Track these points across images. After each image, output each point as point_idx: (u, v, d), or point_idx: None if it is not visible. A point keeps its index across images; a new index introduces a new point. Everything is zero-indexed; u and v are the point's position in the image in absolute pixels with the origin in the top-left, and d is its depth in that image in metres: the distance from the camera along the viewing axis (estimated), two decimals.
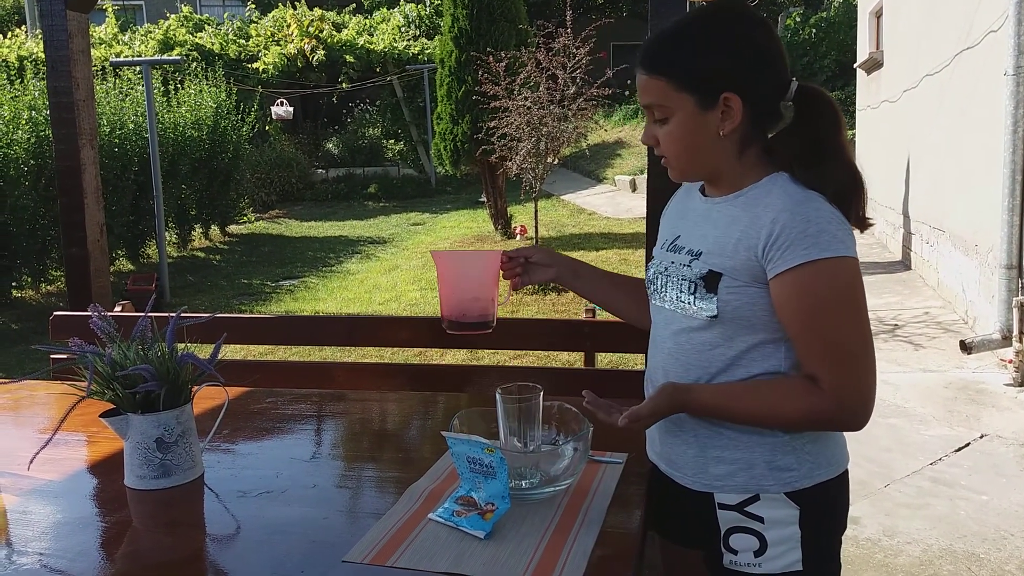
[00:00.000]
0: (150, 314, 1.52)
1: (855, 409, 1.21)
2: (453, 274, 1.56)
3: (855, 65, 10.81)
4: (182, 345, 1.46)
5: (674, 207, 1.47)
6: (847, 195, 1.24)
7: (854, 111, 11.44)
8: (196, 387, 1.46)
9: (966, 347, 4.61)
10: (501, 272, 1.56)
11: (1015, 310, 4.50)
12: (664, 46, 1.26)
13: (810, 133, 1.26)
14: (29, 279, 8.09)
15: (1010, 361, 4.48)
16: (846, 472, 1.34)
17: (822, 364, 1.20)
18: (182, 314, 1.51)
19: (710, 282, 1.25)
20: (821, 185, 1.23)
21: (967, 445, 3.66)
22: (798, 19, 15.86)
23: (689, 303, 1.29)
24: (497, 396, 1.38)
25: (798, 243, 1.17)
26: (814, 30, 15.37)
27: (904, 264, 7.70)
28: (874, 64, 9.51)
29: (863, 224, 1.28)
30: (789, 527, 1.27)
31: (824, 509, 1.30)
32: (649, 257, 1.54)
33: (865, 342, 1.21)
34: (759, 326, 1.25)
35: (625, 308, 1.62)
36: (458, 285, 1.52)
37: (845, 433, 1.36)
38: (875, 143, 9.61)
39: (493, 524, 1.20)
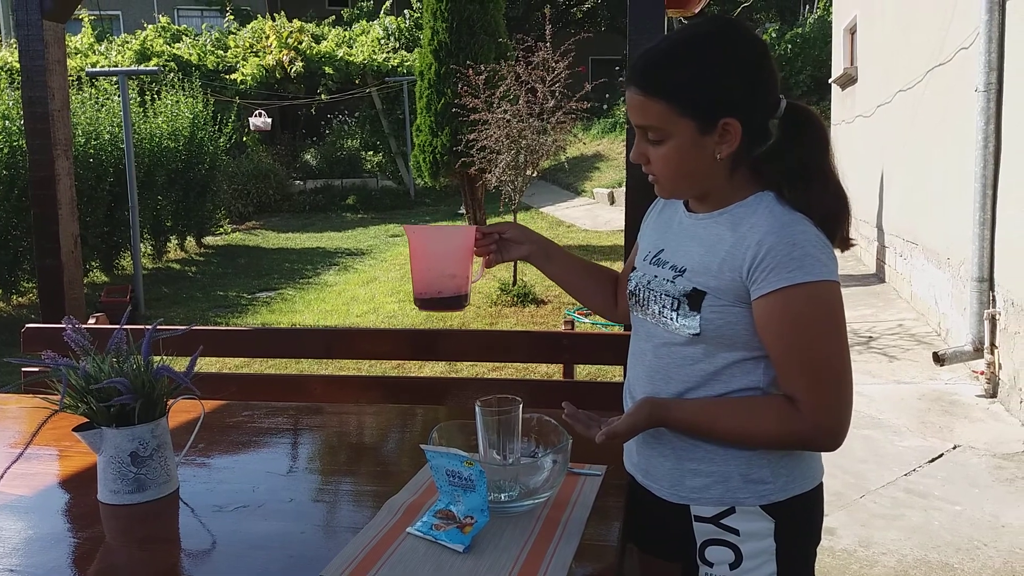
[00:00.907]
0: (125, 326, 1.50)
1: (831, 431, 1.21)
2: (427, 250, 1.51)
3: (830, 80, 10.96)
4: (157, 358, 1.45)
5: (656, 217, 1.46)
6: (834, 218, 1.25)
7: (829, 126, 11.59)
8: (171, 400, 1.44)
9: (939, 359, 4.67)
10: (475, 249, 1.52)
11: (986, 322, 4.57)
12: (665, 68, 1.22)
13: (797, 152, 1.25)
14: (0, 291, 7.97)
15: (982, 373, 4.54)
16: (821, 485, 1.35)
17: (801, 385, 1.21)
18: (158, 326, 1.50)
19: (694, 300, 1.25)
20: (808, 207, 1.23)
21: (941, 456, 3.70)
22: (774, 35, 16.07)
23: (671, 319, 1.29)
24: (476, 409, 1.38)
25: (783, 266, 1.18)
26: (789, 45, 15.58)
27: (878, 277, 7.79)
28: (848, 79, 9.65)
29: (846, 244, 1.29)
30: (764, 540, 1.28)
31: (799, 522, 1.31)
32: (627, 270, 1.55)
33: (843, 365, 1.22)
34: (740, 344, 1.25)
35: (591, 296, 1.62)
36: (432, 261, 1.48)
37: None
38: (850, 157, 9.74)
39: (472, 537, 1.20)
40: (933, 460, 3.66)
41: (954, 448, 3.79)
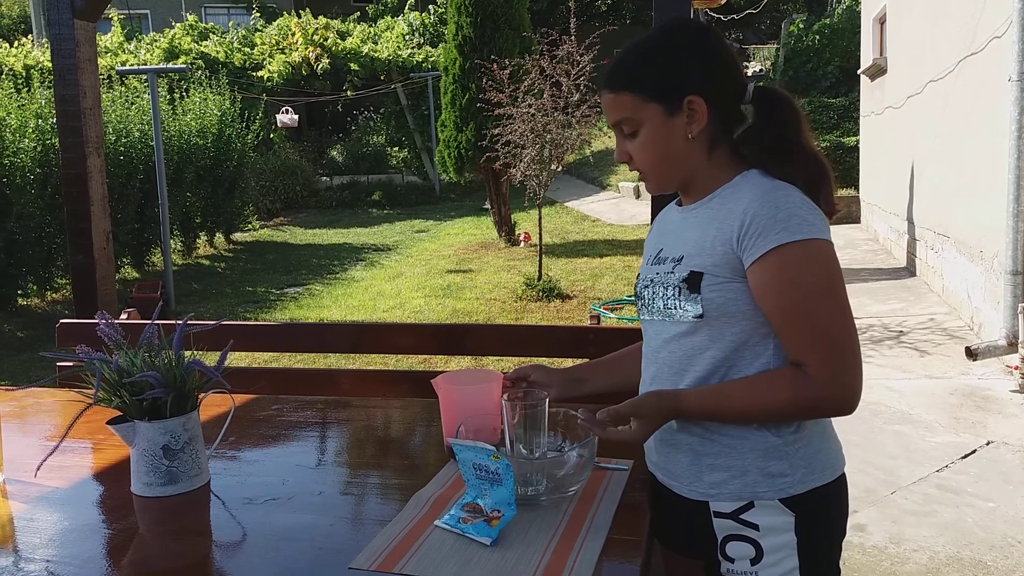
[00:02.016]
0: (157, 321, 1.52)
1: (844, 392, 1.21)
2: (455, 403, 1.52)
3: (859, 71, 10.81)
4: (188, 352, 1.47)
5: (654, 229, 1.51)
6: (816, 184, 1.29)
7: (858, 117, 11.44)
8: (202, 394, 1.46)
9: (972, 353, 4.59)
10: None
11: (1020, 316, 4.49)
12: (626, 64, 1.32)
13: (775, 130, 1.31)
14: (35, 287, 8.11)
15: (1016, 367, 4.47)
16: (842, 477, 1.33)
17: (806, 348, 1.22)
18: (188, 321, 1.52)
19: (692, 283, 1.27)
20: (792, 178, 1.27)
21: (973, 452, 3.65)
22: (801, 25, 15.87)
23: (675, 307, 1.30)
24: (503, 403, 1.38)
25: (770, 228, 1.20)
26: (817, 36, 15.38)
27: (909, 270, 7.68)
28: (878, 70, 9.51)
29: (831, 209, 1.31)
30: (785, 534, 1.27)
31: (820, 515, 1.30)
32: None
33: (846, 323, 1.22)
34: (745, 322, 1.26)
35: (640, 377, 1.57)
36: (462, 413, 1.48)
37: (844, 440, 1.36)
38: (879, 149, 9.60)
39: (499, 531, 1.20)
40: (966, 456, 3.61)
41: (987, 444, 3.73)
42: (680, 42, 1.31)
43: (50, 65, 2.91)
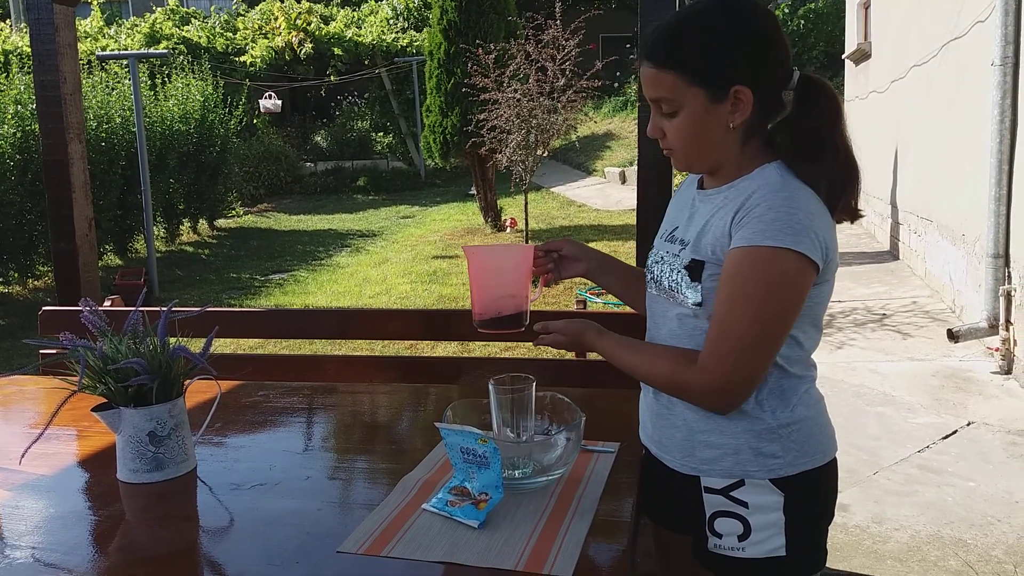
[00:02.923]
0: (141, 308, 1.51)
1: (715, 391, 1.24)
2: (487, 270, 1.49)
3: (843, 56, 10.84)
4: (173, 339, 1.46)
5: (677, 198, 1.48)
6: (841, 186, 1.26)
7: (842, 101, 11.47)
8: (188, 380, 1.46)
9: (953, 336, 4.64)
10: (533, 268, 1.52)
11: (1001, 299, 4.54)
12: (673, 40, 1.24)
13: (809, 124, 1.27)
14: (16, 274, 8.03)
15: (997, 349, 4.52)
16: (834, 461, 1.35)
17: (710, 339, 1.24)
18: (173, 308, 1.51)
19: (694, 271, 1.27)
20: (816, 176, 1.24)
21: (954, 433, 3.70)
22: (787, 9, 15.88)
23: (678, 290, 1.30)
24: (490, 387, 1.39)
25: (752, 225, 1.20)
26: (802, 21, 15.40)
27: (892, 254, 7.74)
28: (862, 55, 9.54)
29: (855, 216, 1.31)
30: (773, 513, 1.29)
31: (809, 497, 1.31)
32: (640, 249, 1.56)
33: (758, 338, 1.20)
34: None
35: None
36: (492, 281, 1.47)
37: (833, 421, 1.38)
38: (863, 133, 9.64)
39: (487, 514, 1.21)
40: (947, 437, 3.66)
41: (968, 425, 3.78)
42: (733, 24, 1.23)
43: (29, 50, 2.87)
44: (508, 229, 10.43)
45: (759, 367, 1.23)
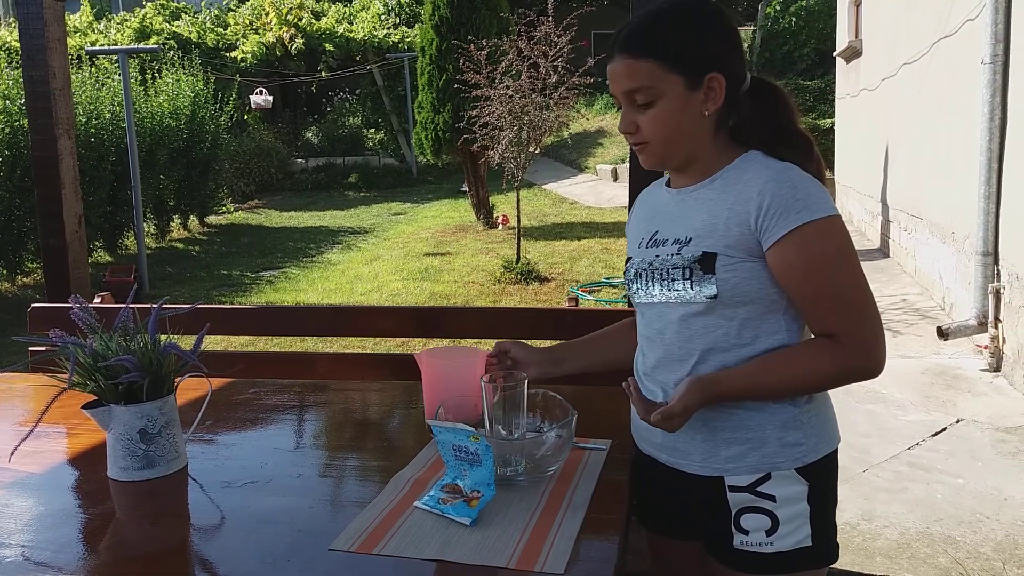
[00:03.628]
0: (131, 305, 1.51)
1: (877, 355, 1.25)
2: (437, 378, 1.52)
3: (834, 54, 10.87)
4: (164, 336, 1.45)
5: (637, 211, 1.50)
6: (808, 160, 1.31)
7: (833, 99, 11.51)
8: (179, 378, 1.45)
9: (943, 333, 4.67)
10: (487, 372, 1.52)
11: (991, 296, 4.57)
12: (649, 30, 1.28)
13: (775, 119, 1.33)
14: (5, 271, 7.99)
15: (986, 347, 4.55)
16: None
17: (836, 319, 1.25)
18: (163, 304, 1.50)
19: (706, 263, 1.27)
20: (790, 160, 1.30)
21: (944, 430, 3.72)
22: (778, 7, 15.91)
23: (684, 289, 1.29)
24: (482, 384, 1.39)
25: (790, 209, 1.22)
26: (794, 19, 15.43)
27: (882, 251, 7.77)
28: (853, 53, 9.56)
29: (823, 178, 1.34)
30: (799, 504, 1.30)
31: (827, 483, 1.34)
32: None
33: (867, 292, 1.26)
34: (758, 300, 1.27)
35: (622, 356, 1.56)
36: (443, 389, 1.49)
37: None
38: (854, 131, 9.68)
39: (479, 511, 1.21)
40: (936, 434, 3.68)
41: (957, 422, 3.80)
42: (703, 17, 1.28)
43: (17, 45, 2.85)
44: (500, 226, 10.43)
45: (880, 319, 1.27)
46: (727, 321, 1.28)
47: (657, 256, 1.35)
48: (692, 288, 1.28)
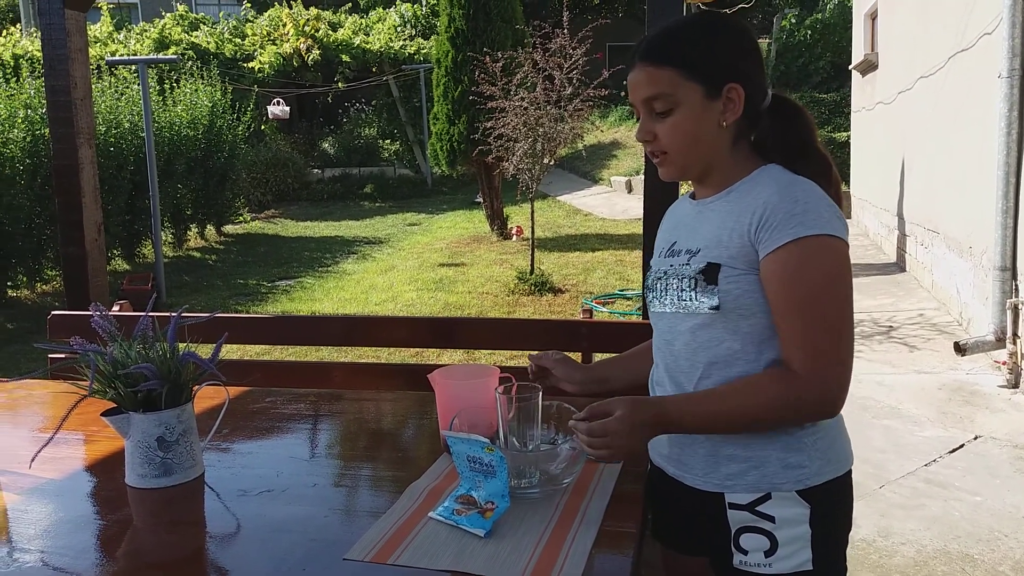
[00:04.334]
0: (151, 313, 1.52)
1: (827, 387, 1.21)
2: (451, 398, 1.52)
3: (850, 67, 10.84)
4: (182, 344, 1.47)
5: (665, 224, 1.50)
6: (826, 183, 1.30)
7: (849, 112, 11.48)
8: (197, 386, 1.47)
9: (960, 349, 4.63)
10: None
11: (1009, 312, 4.53)
12: (671, 39, 1.30)
13: (795, 135, 1.33)
14: (24, 278, 8.07)
15: (1004, 363, 4.50)
16: (851, 471, 1.35)
17: (797, 340, 1.22)
18: (183, 313, 1.52)
19: (709, 274, 1.27)
20: (808, 175, 1.29)
21: (961, 446, 3.68)
22: (793, 20, 15.90)
23: (691, 299, 1.30)
24: (496, 395, 1.39)
25: (786, 222, 1.21)
26: (809, 32, 15.42)
27: (899, 266, 7.72)
28: (869, 66, 9.54)
29: (839, 204, 1.33)
30: (800, 526, 1.28)
31: (833, 507, 1.31)
32: (646, 258, 1.56)
33: (842, 321, 1.21)
34: (760, 314, 1.26)
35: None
36: (457, 409, 1.48)
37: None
38: (869, 144, 9.64)
39: (493, 522, 1.21)
40: (953, 451, 3.64)
41: (975, 439, 3.76)
42: (725, 30, 1.30)
43: (39, 55, 2.89)
44: (514, 237, 10.44)
45: (852, 354, 1.23)
46: (731, 335, 1.28)
47: (671, 266, 1.36)
48: (697, 299, 1.29)
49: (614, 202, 13.23)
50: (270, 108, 14.99)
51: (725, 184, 1.33)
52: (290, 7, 17.00)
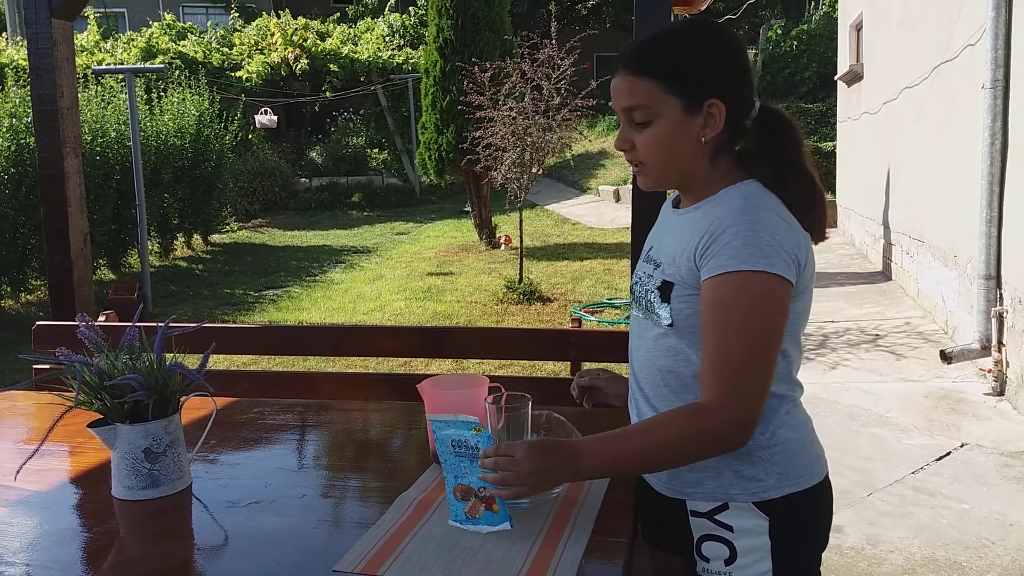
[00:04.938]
0: (138, 324, 1.51)
1: (737, 416, 1.19)
2: (440, 408, 1.50)
3: (836, 77, 10.93)
4: (169, 355, 1.46)
5: (657, 223, 1.50)
6: (809, 208, 1.29)
7: (835, 123, 11.56)
8: (184, 397, 1.46)
9: (946, 357, 4.66)
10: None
11: (993, 320, 4.56)
12: (654, 49, 1.27)
13: (780, 150, 1.30)
14: (9, 288, 8.00)
15: (989, 371, 4.54)
16: (823, 484, 1.33)
17: (711, 372, 1.20)
18: (169, 324, 1.51)
19: (664, 292, 1.28)
20: (790, 196, 1.27)
21: (948, 454, 3.70)
22: (779, 31, 16.03)
23: (653, 310, 1.31)
24: (486, 405, 1.39)
25: (722, 253, 1.19)
26: (795, 42, 15.54)
27: (884, 275, 7.78)
28: (854, 76, 9.62)
29: (821, 236, 1.32)
30: (759, 537, 1.28)
31: (797, 520, 1.30)
32: (634, 267, 1.56)
33: (758, 360, 1.19)
34: None
35: None
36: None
37: (827, 441, 1.38)
38: (855, 154, 9.72)
39: (504, 511, 1.21)
40: (940, 458, 3.66)
41: (962, 446, 3.78)
42: (709, 42, 1.27)
43: (24, 63, 2.87)
44: (503, 246, 10.45)
45: (764, 390, 1.21)
46: (688, 348, 1.28)
47: (645, 272, 1.37)
48: (656, 312, 1.29)
49: (602, 211, 13.27)
50: (258, 117, 14.96)
51: (700, 197, 1.31)
52: (278, 16, 17.01)
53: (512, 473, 1.17)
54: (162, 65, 13.29)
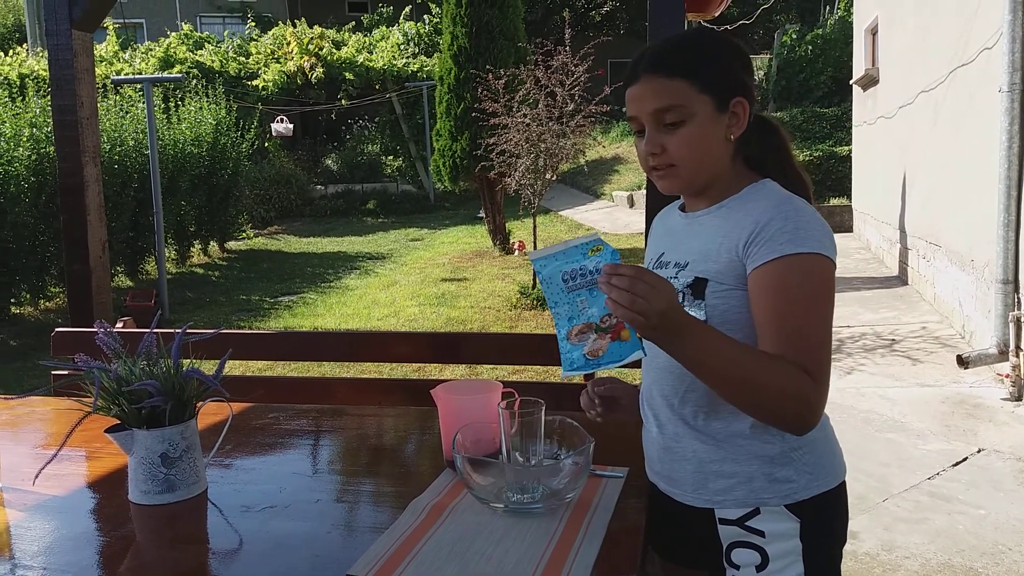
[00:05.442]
0: (155, 330, 1.53)
1: (822, 401, 1.18)
2: (454, 413, 1.52)
3: (851, 81, 10.88)
4: (186, 361, 1.47)
5: (657, 228, 1.51)
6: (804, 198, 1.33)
7: (850, 127, 11.50)
8: (200, 402, 1.47)
9: (963, 362, 4.62)
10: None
11: (1011, 325, 4.52)
12: (682, 51, 1.30)
13: (777, 151, 1.37)
14: (28, 295, 8.09)
15: (1007, 376, 4.49)
16: (844, 483, 1.34)
17: (793, 348, 1.17)
18: (187, 330, 1.52)
19: (697, 289, 1.28)
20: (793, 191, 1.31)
21: (965, 460, 3.67)
22: (794, 36, 15.96)
23: None
24: (499, 411, 1.39)
25: (776, 239, 1.21)
26: (810, 47, 15.47)
27: (901, 279, 7.72)
28: (870, 80, 9.58)
29: None
30: (790, 540, 1.28)
31: (824, 521, 1.31)
32: None
33: (826, 336, 1.21)
34: (747, 328, 1.25)
35: None
36: (460, 424, 1.46)
37: (843, 446, 1.37)
38: (871, 158, 9.66)
39: (635, 336, 1.07)
40: (957, 464, 3.63)
41: (978, 452, 3.75)
42: (726, 45, 1.32)
43: (44, 74, 2.92)
44: (516, 252, 10.46)
45: (829, 372, 1.21)
46: None
47: (665, 277, 1.36)
48: None
49: (616, 216, 13.26)
50: (274, 125, 15.07)
51: (719, 198, 1.33)
52: (294, 26, 17.14)
53: (645, 301, 1.06)
54: (180, 75, 13.42)
